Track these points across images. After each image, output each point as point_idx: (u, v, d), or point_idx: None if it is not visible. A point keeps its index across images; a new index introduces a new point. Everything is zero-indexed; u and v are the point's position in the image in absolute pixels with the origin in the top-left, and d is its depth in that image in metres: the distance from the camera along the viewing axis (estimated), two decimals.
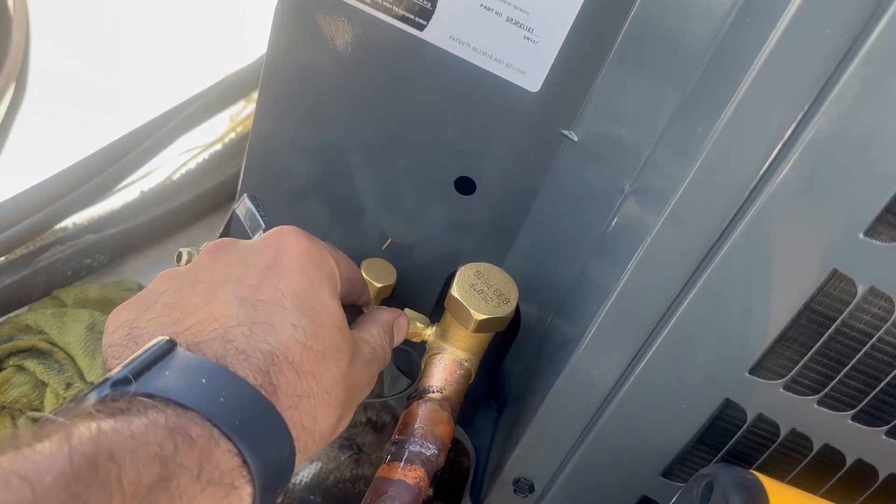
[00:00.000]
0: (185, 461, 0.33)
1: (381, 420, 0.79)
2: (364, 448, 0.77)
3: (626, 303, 0.49)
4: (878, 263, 0.42)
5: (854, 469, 0.50)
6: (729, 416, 0.50)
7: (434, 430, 0.55)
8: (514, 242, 0.65)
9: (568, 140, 0.58)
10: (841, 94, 0.38)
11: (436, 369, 0.58)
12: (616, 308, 0.49)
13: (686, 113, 0.48)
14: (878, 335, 0.45)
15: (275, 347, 0.41)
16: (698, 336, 0.47)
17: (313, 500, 0.72)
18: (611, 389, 0.52)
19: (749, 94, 0.40)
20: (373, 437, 0.77)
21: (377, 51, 0.57)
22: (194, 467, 0.34)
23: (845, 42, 0.37)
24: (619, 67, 0.54)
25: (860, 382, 0.47)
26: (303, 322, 0.43)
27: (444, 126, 0.60)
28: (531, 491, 0.59)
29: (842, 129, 0.39)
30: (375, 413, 0.79)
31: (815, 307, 0.45)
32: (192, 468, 0.33)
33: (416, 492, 0.52)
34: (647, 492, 0.55)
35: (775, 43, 0.39)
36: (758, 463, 0.52)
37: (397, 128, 0.60)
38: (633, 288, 0.48)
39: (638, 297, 0.48)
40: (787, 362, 0.47)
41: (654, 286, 0.47)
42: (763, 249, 0.43)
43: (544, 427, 0.56)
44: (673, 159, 0.47)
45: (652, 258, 0.46)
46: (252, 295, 0.43)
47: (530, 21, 0.53)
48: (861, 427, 0.48)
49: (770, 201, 0.41)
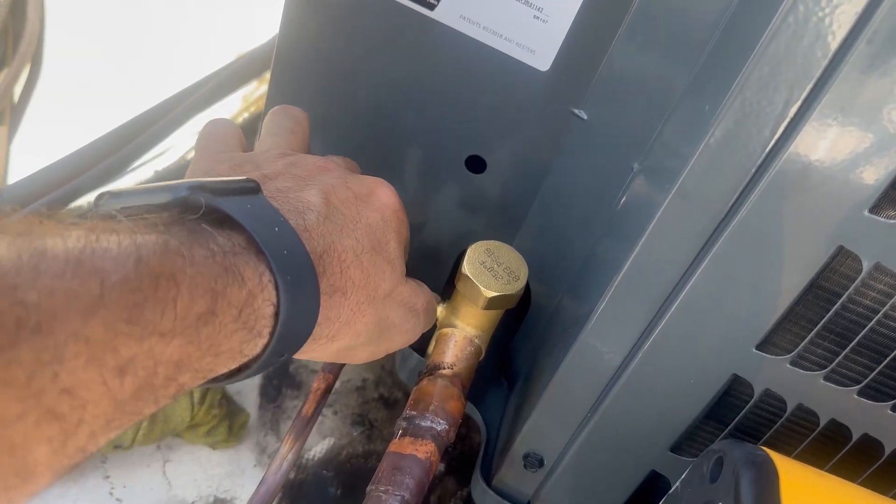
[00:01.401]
0: (233, 301, 0.35)
1: (393, 396, 0.79)
2: (376, 424, 0.77)
3: (635, 279, 0.49)
4: (884, 240, 0.42)
5: (860, 444, 0.50)
6: (736, 392, 0.50)
7: (445, 406, 0.55)
8: (524, 221, 0.65)
9: (577, 119, 0.58)
10: (847, 72, 0.38)
11: (446, 346, 0.59)
12: (625, 285, 0.49)
13: (694, 91, 0.48)
14: (883, 311, 0.45)
15: (335, 243, 0.43)
16: (706, 312, 0.47)
17: (326, 474, 0.73)
18: (619, 365, 0.52)
19: (756, 73, 0.40)
20: (384, 414, 0.78)
21: (388, 30, 0.58)
22: (237, 309, 0.35)
23: (849, 20, 0.37)
24: (627, 46, 0.54)
25: (866, 358, 0.47)
26: (364, 244, 0.46)
27: (454, 105, 0.60)
28: (541, 466, 0.60)
29: (847, 107, 0.39)
30: (387, 389, 0.79)
31: (822, 283, 0.45)
32: (235, 309, 0.35)
33: (427, 466, 0.52)
34: (656, 467, 0.56)
35: (782, 19, 0.39)
36: (765, 438, 0.52)
37: (408, 108, 0.60)
38: (642, 264, 0.48)
39: (646, 273, 0.48)
40: (793, 338, 0.47)
41: (662, 263, 0.47)
42: (770, 226, 0.43)
43: (554, 403, 0.56)
44: (681, 137, 0.47)
45: (660, 235, 0.46)
46: (337, 205, 0.46)
47: (540, 0, 0.54)
48: (867, 402, 0.48)
49: (776, 178, 0.41)
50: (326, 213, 0.44)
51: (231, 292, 0.34)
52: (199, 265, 0.33)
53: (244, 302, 0.35)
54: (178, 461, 0.71)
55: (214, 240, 0.35)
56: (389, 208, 0.50)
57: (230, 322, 0.35)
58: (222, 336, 0.34)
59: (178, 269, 0.32)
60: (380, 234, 0.48)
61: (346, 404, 0.78)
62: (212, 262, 0.34)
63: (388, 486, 0.51)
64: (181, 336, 0.32)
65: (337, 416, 0.77)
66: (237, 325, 0.35)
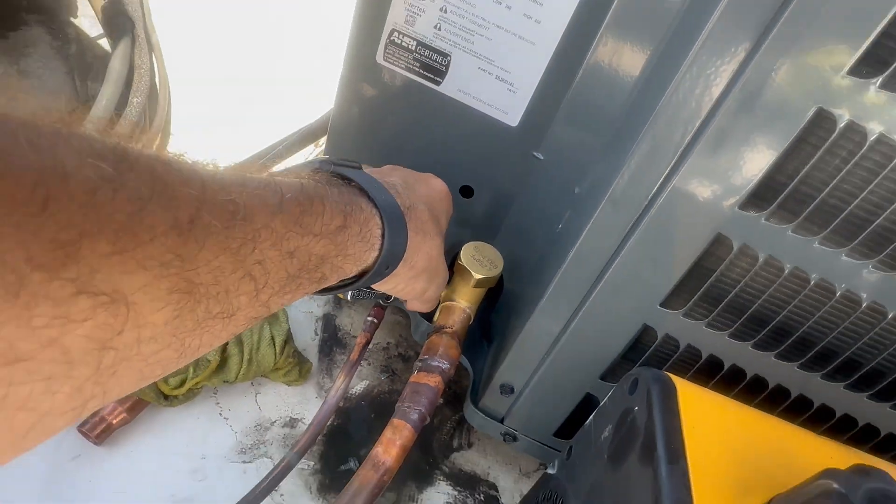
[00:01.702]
0: (357, 220, 0.38)
1: (408, 354, 0.79)
2: (396, 372, 0.77)
3: (575, 267, 0.49)
4: (748, 229, 0.42)
5: (729, 371, 0.50)
6: (646, 336, 0.50)
7: (448, 353, 0.55)
8: (500, 231, 0.65)
9: (537, 159, 0.58)
10: (704, 141, 0.38)
11: (448, 313, 0.58)
12: (568, 271, 0.49)
13: (610, 151, 0.49)
14: (744, 281, 0.45)
15: (414, 203, 0.46)
16: (626, 281, 0.47)
17: (363, 404, 0.73)
18: (565, 324, 0.52)
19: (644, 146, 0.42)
20: (402, 366, 0.78)
21: (408, 99, 0.58)
22: (359, 226, 0.38)
23: (698, 117, 0.39)
24: (568, 111, 0.55)
25: (733, 314, 0.47)
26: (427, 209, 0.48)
27: (453, 149, 0.60)
28: (512, 392, 0.60)
29: (715, 150, 0.39)
30: (404, 349, 0.79)
31: (703, 262, 0.45)
32: (358, 226, 0.38)
33: (436, 391, 0.52)
34: (591, 390, 0.56)
35: (662, 107, 0.40)
36: (665, 367, 0.52)
37: (422, 151, 0.61)
38: (580, 255, 0.48)
39: (583, 261, 0.48)
40: (685, 298, 0.47)
41: (594, 252, 0.48)
42: (669, 223, 0.44)
43: (520, 352, 0.57)
44: (606, 171, 0.47)
45: (596, 229, 0.47)
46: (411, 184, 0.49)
47: (511, 78, 0.54)
48: (734, 342, 0.49)
49: (674, 189, 0.42)
50: (405, 187, 0.47)
51: (355, 214, 0.38)
52: (335, 196, 0.37)
53: (363, 223, 0.39)
54: (265, 393, 0.70)
55: (341, 186, 0.39)
56: (442, 190, 0.52)
57: (355, 234, 0.38)
58: (350, 243, 0.37)
59: (324, 195, 0.36)
60: (436, 204, 0.50)
61: (376, 359, 0.77)
62: (342, 195, 0.38)
63: (411, 404, 0.51)
64: (325, 238, 0.35)
65: (370, 366, 0.76)
66: (359, 237, 0.38)
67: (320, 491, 0.65)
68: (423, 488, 0.69)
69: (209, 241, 0.26)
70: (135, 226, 0.22)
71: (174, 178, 0.25)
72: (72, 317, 0.20)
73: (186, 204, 0.25)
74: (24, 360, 0.19)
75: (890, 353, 0.46)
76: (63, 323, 0.20)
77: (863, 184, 0.39)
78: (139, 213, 0.22)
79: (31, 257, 0.19)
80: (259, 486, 0.56)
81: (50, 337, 0.20)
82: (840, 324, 0.45)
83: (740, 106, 0.37)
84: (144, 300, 0.23)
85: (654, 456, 0.39)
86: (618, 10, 0.48)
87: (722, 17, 0.36)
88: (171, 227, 0.24)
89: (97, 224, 0.21)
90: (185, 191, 0.25)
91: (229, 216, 0.27)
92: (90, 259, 0.21)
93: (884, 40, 0.34)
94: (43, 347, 0.20)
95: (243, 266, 0.28)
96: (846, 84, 0.35)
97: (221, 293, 0.27)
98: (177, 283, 0.24)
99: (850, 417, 0.51)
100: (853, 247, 0.41)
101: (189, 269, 0.25)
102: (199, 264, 0.25)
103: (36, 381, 0.20)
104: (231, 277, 0.28)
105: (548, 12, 0.50)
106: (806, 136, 0.38)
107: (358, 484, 0.45)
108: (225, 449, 0.66)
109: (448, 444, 0.73)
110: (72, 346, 0.21)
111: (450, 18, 0.52)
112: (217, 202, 0.27)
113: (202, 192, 0.26)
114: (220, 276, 0.27)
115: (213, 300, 0.27)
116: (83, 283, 0.20)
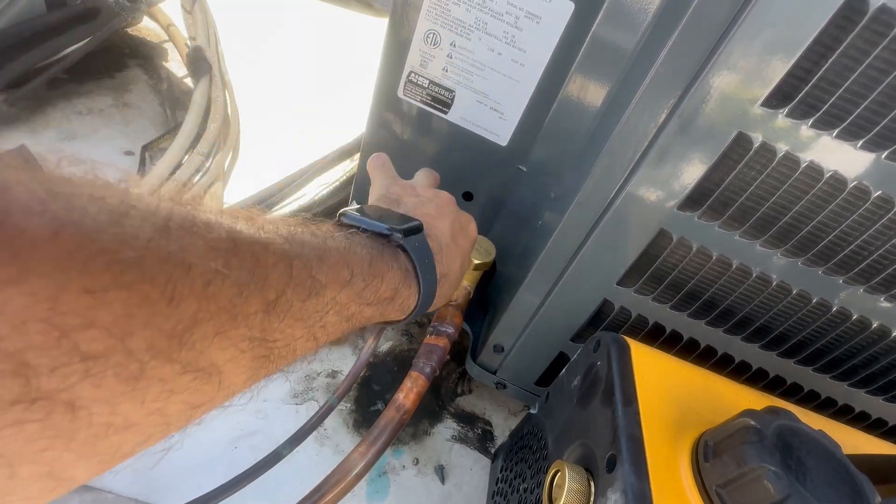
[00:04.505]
0: (402, 295, 0.35)
1: (421, 321, 0.79)
2: (413, 335, 0.77)
3: (552, 254, 0.49)
4: (685, 225, 0.42)
5: (671, 335, 0.50)
6: (605, 308, 0.50)
7: (453, 320, 0.55)
8: (492, 228, 0.65)
9: (521, 171, 0.58)
10: (641, 169, 0.38)
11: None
12: (545, 259, 0.49)
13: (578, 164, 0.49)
14: (681, 266, 0.45)
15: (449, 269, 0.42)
16: (590, 266, 0.47)
17: (388, 360, 0.73)
18: (543, 298, 0.52)
19: (604, 161, 0.42)
20: (418, 330, 0.78)
21: (422, 125, 0.58)
22: (401, 300, 0.36)
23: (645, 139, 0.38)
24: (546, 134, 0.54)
25: (673, 290, 0.47)
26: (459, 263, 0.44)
27: (457, 163, 0.60)
28: (503, 351, 0.60)
29: (652, 175, 0.39)
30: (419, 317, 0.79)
31: (650, 251, 0.45)
32: (400, 300, 0.36)
33: (444, 350, 0.53)
34: (563, 350, 0.56)
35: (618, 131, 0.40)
36: (620, 332, 0.51)
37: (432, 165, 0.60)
38: (555, 245, 0.48)
39: (558, 250, 0.48)
40: (637, 278, 0.47)
41: (566, 243, 0.47)
42: (624, 220, 0.44)
43: (509, 320, 0.57)
44: (575, 180, 0.47)
45: (566, 229, 0.47)
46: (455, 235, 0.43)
47: (502, 109, 0.54)
48: (674, 312, 0.49)
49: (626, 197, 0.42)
50: (448, 243, 0.42)
51: (402, 291, 0.35)
52: (392, 275, 0.34)
53: (405, 297, 0.36)
54: None
55: (399, 260, 0.36)
56: (474, 239, 0.48)
57: (397, 306, 0.35)
58: (390, 310, 0.35)
59: (384, 273, 0.33)
60: (466, 253, 0.46)
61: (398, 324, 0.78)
62: (397, 274, 0.35)
63: (424, 359, 0.51)
64: (374, 307, 0.33)
65: (393, 331, 0.77)
66: (398, 308, 0.36)
67: (355, 426, 0.66)
68: (434, 424, 0.69)
69: (288, 315, 0.24)
70: (234, 308, 0.21)
71: (269, 260, 0.23)
72: (176, 390, 0.19)
73: (276, 285, 0.23)
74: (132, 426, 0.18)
75: (794, 320, 0.46)
76: (168, 395, 0.19)
77: (773, 190, 0.39)
78: (239, 297, 0.21)
79: (152, 346, 0.17)
80: (308, 423, 0.57)
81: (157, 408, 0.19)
82: (755, 298, 0.45)
83: (678, 130, 0.38)
84: (231, 369, 0.22)
85: (613, 399, 0.39)
86: (584, 56, 0.48)
87: (663, 63, 0.36)
88: (261, 308, 0.22)
89: (208, 312, 0.19)
90: (277, 273, 0.23)
91: (307, 293, 0.26)
92: (199, 343, 0.19)
93: (789, 79, 0.34)
94: (149, 415, 0.19)
95: (311, 331, 0.27)
96: (760, 113, 0.36)
97: (290, 353, 0.26)
98: (258, 352, 0.23)
99: (764, 370, 0.51)
100: (766, 239, 0.42)
101: (269, 340, 0.24)
102: (277, 336, 0.24)
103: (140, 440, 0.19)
104: (299, 341, 0.26)
105: (530, 58, 0.50)
106: (729, 153, 0.38)
107: (384, 421, 0.46)
108: (281, 394, 0.67)
109: (453, 391, 0.74)
110: (171, 411, 0.19)
111: (455, 63, 0.53)
112: (301, 281, 0.25)
113: (289, 272, 0.24)
114: (290, 341, 0.25)
115: (283, 359, 0.26)
116: (189, 363, 0.19)
